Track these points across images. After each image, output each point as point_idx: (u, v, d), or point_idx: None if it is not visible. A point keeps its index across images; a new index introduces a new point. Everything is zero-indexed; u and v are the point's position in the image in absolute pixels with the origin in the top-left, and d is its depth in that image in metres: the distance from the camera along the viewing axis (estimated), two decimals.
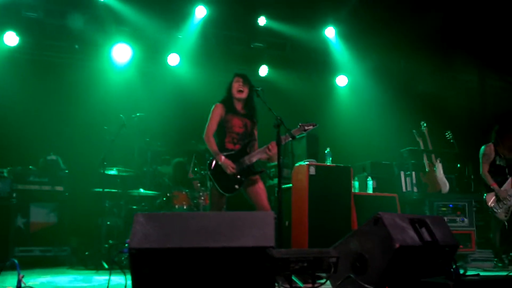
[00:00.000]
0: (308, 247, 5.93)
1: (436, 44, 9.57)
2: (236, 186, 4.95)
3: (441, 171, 7.77)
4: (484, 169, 7.09)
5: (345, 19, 9.24)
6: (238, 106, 5.22)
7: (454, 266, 3.10)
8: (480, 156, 7.18)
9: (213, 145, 5.07)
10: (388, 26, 9.11)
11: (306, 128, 5.06)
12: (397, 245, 3.75)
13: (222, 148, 5.07)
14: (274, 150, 4.90)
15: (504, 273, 4.52)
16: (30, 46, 8.18)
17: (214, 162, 5.00)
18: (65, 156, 7.39)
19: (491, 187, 6.96)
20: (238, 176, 4.96)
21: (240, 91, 5.17)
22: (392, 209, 6.88)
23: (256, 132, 5.32)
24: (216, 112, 5.16)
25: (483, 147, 7.21)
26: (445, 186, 7.69)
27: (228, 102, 5.22)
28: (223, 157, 4.95)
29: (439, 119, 9.06)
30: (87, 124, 7.92)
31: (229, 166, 4.92)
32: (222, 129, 5.13)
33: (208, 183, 5.11)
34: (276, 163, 4.82)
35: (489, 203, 6.96)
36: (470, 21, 9.07)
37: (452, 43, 9.60)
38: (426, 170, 7.79)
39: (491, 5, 8.79)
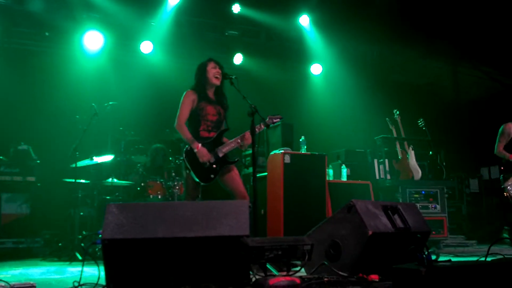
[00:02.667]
0: (283, 235, 5.96)
1: (410, 33, 9.65)
2: (212, 176, 4.92)
3: (414, 159, 7.87)
4: (498, 148, 6.68)
5: (319, 7, 9.24)
6: (210, 93, 5.14)
7: (426, 252, 3.14)
8: (498, 134, 6.74)
9: (186, 133, 4.98)
10: (362, 15, 9.15)
11: (274, 120, 5.03)
12: (370, 232, 3.80)
13: (197, 137, 4.99)
14: (248, 141, 4.90)
15: (475, 259, 4.61)
16: None
17: (189, 151, 4.94)
18: (36, 146, 7.26)
19: (510, 159, 6.52)
20: (214, 166, 4.92)
21: (217, 78, 5.08)
22: (366, 196, 6.95)
23: (226, 120, 5.23)
24: (188, 99, 5.03)
25: (502, 126, 6.73)
26: (418, 173, 7.79)
27: (200, 88, 5.10)
28: (199, 145, 4.89)
29: (411, 107, 9.17)
30: (58, 113, 7.79)
31: (205, 155, 4.87)
32: (196, 118, 5.04)
33: (184, 172, 5.05)
34: (250, 151, 4.81)
35: (507, 184, 6.62)
36: (444, 10, 9.15)
37: (426, 32, 9.69)
38: (399, 157, 7.88)
39: None
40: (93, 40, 8.26)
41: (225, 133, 5.19)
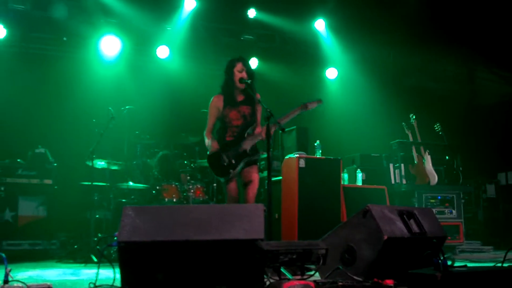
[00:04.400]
0: (297, 239, 5.94)
1: (426, 37, 9.60)
2: (231, 170, 4.95)
3: (430, 163, 7.81)
4: None
5: (335, 12, 9.24)
6: (237, 94, 5.11)
7: (442, 258, 3.12)
8: None
9: (207, 141, 5.11)
10: (378, 18, 9.13)
11: (309, 106, 4.97)
12: (385, 237, 3.77)
13: (223, 143, 5.06)
14: (259, 132, 4.97)
15: (491, 264, 4.57)
16: (17, 39, 8.14)
17: (210, 155, 5.04)
18: (53, 149, 7.34)
19: None
20: (233, 161, 4.96)
21: (243, 82, 5.02)
22: (381, 201, 6.90)
23: (259, 114, 5.16)
24: (213, 107, 5.13)
25: None
26: (434, 178, 7.73)
27: (228, 91, 5.11)
28: (208, 141, 5.04)
29: (428, 111, 9.10)
30: (75, 116, 7.88)
31: (213, 146, 5.00)
32: (222, 125, 5.13)
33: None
34: (265, 155, 4.82)
35: None
36: (459, 13, 9.09)
37: (443, 36, 9.62)
38: (415, 162, 7.84)
39: None
40: (110, 45, 8.35)
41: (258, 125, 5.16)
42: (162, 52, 8.78)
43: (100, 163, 6.87)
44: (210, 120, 5.16)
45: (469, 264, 4.24)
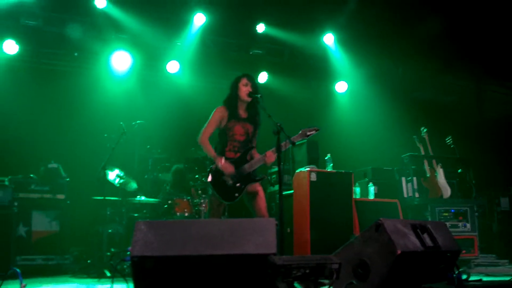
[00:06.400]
0: (310, 254, 5.91)
1: (435, 50, 9.59)
2: (236, 194, 4.88)
3: (442, 176, 7.76)
4: None
5: (343, 26, 9.26)
6: (241, 110, 5.09)
7: (456, 272, 3.09)
8: None
9: (209, 149, 4.95)
10: (387, 32, 9.14)
11: (308, 133, 4.93)
12: (398, 251, 3.75)
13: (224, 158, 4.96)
14: (271, 159, 4.86)
15: (507, 278, 4.51)
16: (29, 54, 8.24)
17: (214, 170, 4.91)
18: (66, 164, 7.38)
19: None
20: (238, 184, 4.88)
21: (252, 96, 4.99)
22: (394, 215, 6.86)
23: (255, 137, 5.18)
24: (217, 115, 5.02)
25: None
26: (447, 191, 7.68)
27: (231, 105, 5.07)
28: (223, 160, 4.85)
29: (439, 124, 9.06)
30: (87, 131, 7.93)
31: (228, 168, 4.83)
32: (224, 137, 5.03)
33: (209, 191, 5.04)
34: (276, 169, 4.81)
35: None
36: (468, 27, 9.09)
37: (451, 49, 9.62)
38: (427, 175, 7.78)
39: (489, 11, 8.82)
40: (121, 60, 8.43)
41: (255, 150, 5.13)
42: (172, 67, 8.85)
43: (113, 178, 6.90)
44: (209, 126, 5.00)
45: (484, 278, 4.19)
